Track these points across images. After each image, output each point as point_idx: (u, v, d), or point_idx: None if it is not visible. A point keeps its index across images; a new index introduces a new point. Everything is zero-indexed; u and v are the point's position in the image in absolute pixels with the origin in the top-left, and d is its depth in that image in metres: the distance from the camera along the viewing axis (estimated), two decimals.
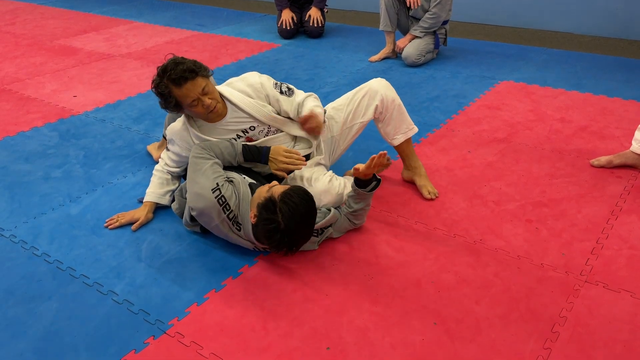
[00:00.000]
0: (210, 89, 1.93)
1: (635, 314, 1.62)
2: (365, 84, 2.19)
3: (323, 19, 4.55)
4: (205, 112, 1.93)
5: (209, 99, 1.91)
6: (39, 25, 5.32)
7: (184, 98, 1.89)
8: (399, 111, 2.18)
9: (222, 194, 1.78)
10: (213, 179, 1.81)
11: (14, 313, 1.73)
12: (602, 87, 3.27)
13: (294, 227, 1.70)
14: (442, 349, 1.53)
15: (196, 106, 1.91)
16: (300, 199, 1.72)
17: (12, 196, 2.39)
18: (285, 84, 2.11)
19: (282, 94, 2.07)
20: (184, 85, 1.86)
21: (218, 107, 1.95)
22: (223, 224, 1.82)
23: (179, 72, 1.85)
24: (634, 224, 2.02)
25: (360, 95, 2.17)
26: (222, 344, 1.58)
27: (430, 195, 2.21)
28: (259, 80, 2.07)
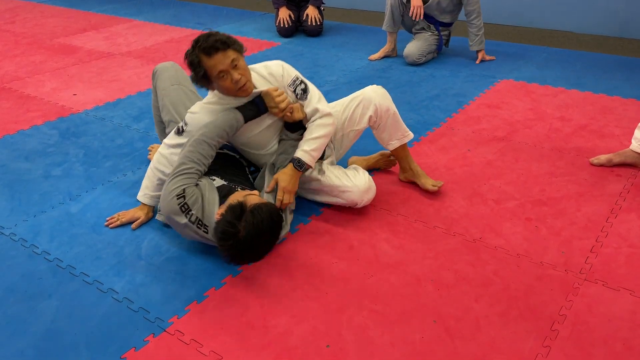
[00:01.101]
0: (241, 64, 1.90)
1: (634, 312, 1.62)
2: (360, 91, 2.15)
3: (321, 17, 4.54)
4: (234, 88, 1.89)
5: (238, 74, 1.87)
6: (39, 24, 5.32)
7: (212, 69, 1.86)
8: (393, 119, 2.16)
9: (185, 201, 1.80)
10: (179, 186, 1.82)
11: (14, 311, 1.74)
12: (602, 86, 3.27)
13: (250, 242, 1.65)
14: (441, 347, 1.54)
15: (224, 79, 1.87)
16: (269, 218, 1.68)
17: (12, 194, 2.39)
18: (302, 84, 2.05)
19: (295, 95, 2.04)
20: (214, 55, 1.84)
21: (248, 85, 1.92)
22: (188, 228, 1.82)
23: (211, 42, 1.84)
24: (634, 223, 2.02)
25: (355, 104, 2.13)
26: (222, 342, 1.58)
27: (436, 187, 2.22)
28: (281, 72, 2.05)
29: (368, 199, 2.08)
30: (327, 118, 2.02)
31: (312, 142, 1.98)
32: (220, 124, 1.93)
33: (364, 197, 2.07)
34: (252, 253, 1.72)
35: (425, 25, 3.78)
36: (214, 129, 1.92)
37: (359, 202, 2.07)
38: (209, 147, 1.90)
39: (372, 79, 3.54)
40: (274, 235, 1.75)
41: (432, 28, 3.77)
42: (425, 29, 3.79)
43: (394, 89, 3.38)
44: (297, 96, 2.03)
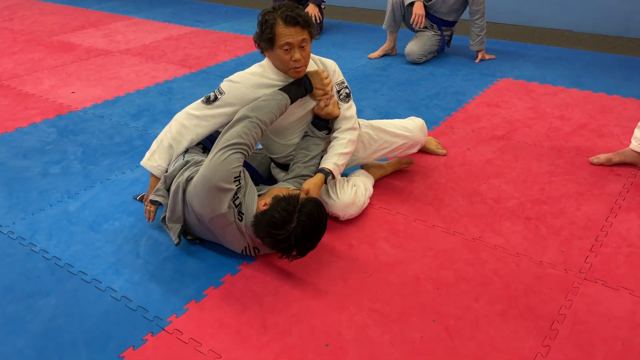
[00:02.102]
0: (307, 48, 1.89)
1: (634, 312, 1.62)
2: (408, 130, 2.24)
3: (321, 16, 4.53)
4: (290, 66, 1.88)
5: (301, 54, 1.86)
6: (37, 21, 5.30)
7: (282, 37, 1.83)
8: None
9: (241, 184, 1.75)
10: (237, 165, 1.74)
11: (12, 309, 1.73)
12: (601, 85, 3.27)
13: (304, 231, 1.64)
14: (441, 346, 1.53)
15: (287, 52, 1.85)
16: (322, 211, 1.70)
17: (10, 192, 2.38)
18: (347, 89, 2.09)
19: (339, 96, 2.06)
20: (291, 26, 1.82)
21: (303, 69, 1.92)
22: (229, 211, 1.74)
23: (295, 14, 1.83)
24: (633, 222, 2.02)
25: (400, 142, 2.23)
26: (220, 340, 1.58)
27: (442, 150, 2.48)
28: (334, 68, 2.07)
29: (350, 214, 2.05)
30: (356, 133, 2.07)
31: (343, 157, 2.01)
32: (273, 108, 1.87)
33: (346, 212, 2.04)
34: (307, 243, 1.69)
35: (428, 24, 3.76)
36: (268, 114, 1.86)
37: (341, 215, 2.05)
38: (260, 132, 1.85)
39: (372, 77, 3.54)
40: (323, 227, 1.73)
41: (435, 28, 3.76)
42: (427, 28, 3.77)
43: (393, 87, 3.37)
44: (340, 97, 2.06)
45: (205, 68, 3.86)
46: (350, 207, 2.04)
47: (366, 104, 3.14)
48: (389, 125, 2.25)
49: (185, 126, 1.95)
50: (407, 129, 2.24)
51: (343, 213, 2.04)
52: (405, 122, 2.29)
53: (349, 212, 2.05)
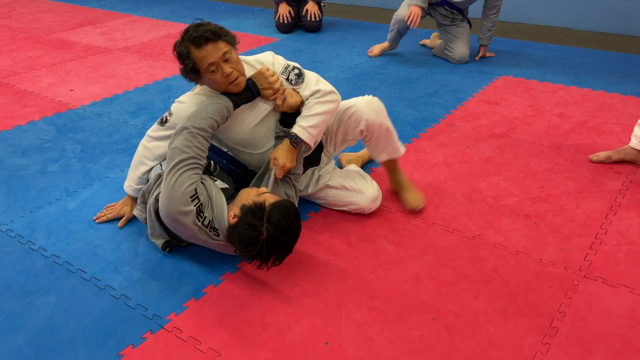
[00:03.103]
0: (234, 57, 1.78)
1: (634, 309, 1.62)
2: (354, 101, 2.04)
3: (320, 13, 4.53)
4: (225, 82, 1.78)
5: (229, 67, 1.76)
6: (36, 19, 5.28)
7: (202, 61, 1.73)
8: (385, 135, 2.05)
9: (200, 202, 1.68)
10: (190, 184, 1.67)
11: (10, 307, 1.72)
12: (600, 83, 3.27)
13: (275, 241, 1.59)
14: (440, 344, 1.53)
15: (215, 73, 1.75)
16: (291, 214, 1.63)
17: (8, 190, 2.37)
18: (296, 69, 1.91)
19: (289, 82, 1.89)
20: (203, 46, 1.72)
21: (240, 79, 1.80)
22: (201, 231, 1.71)
23: (200, 32, 1.72)
24: (633, 220, 2.02)
25: (347, 115, 2.03)
26: (220, 339, 1.57)
27: (415, 205, 2.11)
28: (271, 60, 1.93)
29: (375, 206, 2.09)
30: (330, 95, 1.89)
31: (310, 118, 1.84)
32: (210, 113, 1.77)
33: (372, 206, 2.07)
34: (282, 249, 1.64)
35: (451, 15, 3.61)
36: (206, 119, 1.76)
37: (366, 210, 2.08)
38: (204, 140, 1.75)
39: (371, 75, 3.53)
40: (296, 233, 1.67)
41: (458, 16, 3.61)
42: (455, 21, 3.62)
43: (392, 85, 3.37)
44: (292, 82, 1.89)
45: None
46: (375, 201, 2.08)
47: None
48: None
49: (147, 148, 1.98)
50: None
51: (369, 207, 2.07)
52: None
53: (374, 205, 2.08)
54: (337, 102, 1.93)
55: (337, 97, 1.91)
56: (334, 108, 1.90)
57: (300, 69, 1.92)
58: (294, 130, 1.84)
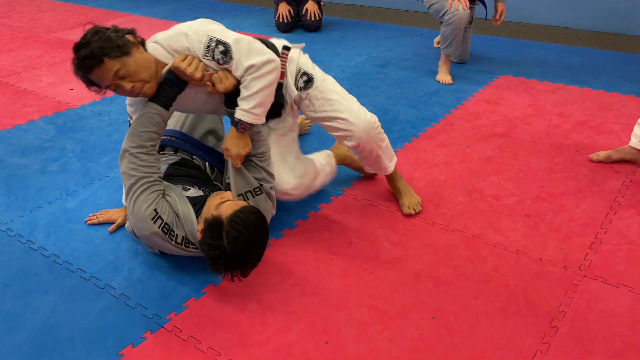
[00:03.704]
0: (130, 70, 1.61)
1: (633, 309, 1.62)
2: (352, 120, 1.89)
3: (320, 13, 4.52)
4: (132, 95, 1.68)
5: (129, 84, 1.62)
6: (35, 18, 5.28)
7: (99, 83, 1.64)
8: (375, 158, 2.03)
9: (164, 221, 1.63)
10: (148, 206, 1.63)
11: (10, 306, 1.72)
12: (600, 82, 3.27)
13: (241, 253, 1.54)
14: (440, 343, 1.53)
15: (117, 91, 1.65)
16: (252, 221, 1.55)
17: (8, 190, 2.37)
18: (220, 45, 1.66)
19: (216, 63, 1.68)
20: (92, 71, 1.60)
21: (145, 89, 1.65)
22: (178, 249, 1.70)
23: (81, 59, 1.59)
24: (633, 219, 2.02)
25: (337, 125, 1.91)
26: (220, 338, 1.57)
27: (410, 211, 2.07)
28: (185, 45, 1.67)
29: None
30: (266, 66, 1.67)
31: (250, 99, 1.68)
32: (142, 127, 1.68)
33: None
34: (251, 257, 1.59)
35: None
36: (142, 134, 1.68)
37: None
38: (147, 156, 1.68)
39: (371, 75, 3.53)
40: (263, 237, 1.62)
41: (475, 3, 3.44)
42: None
43: (392, 84, 3.37)
44: (219, 62, 1.68)
45: None
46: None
47: (364, 101, 3.12)
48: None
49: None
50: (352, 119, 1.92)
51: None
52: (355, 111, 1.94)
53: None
54: (277, 69, 1.72)
55: (274, 64, 1.70)
56: (274, 78, 1.72)
57: (225, 43, 1.67)
58: (236, 115, 1.70)
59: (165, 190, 1.72)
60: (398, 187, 2.14)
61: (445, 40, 3.27)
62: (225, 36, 1.68)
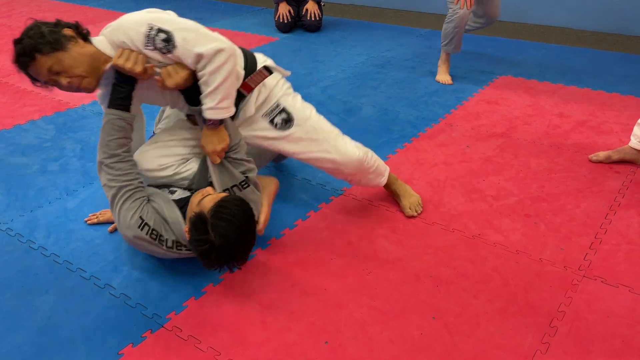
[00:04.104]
0: (65, 65, 1.55)
1: (633, 309, 1.62)
2: (337, 156, 1.84)
3: (320, 13, 4.53)
4: (71, 90, 1.62)
5: (65, 79, 1.56)
6: (35, 18, 5.28)
7: (39, 79, 1.60)
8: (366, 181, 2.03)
9: (151, 227, 1.61)
10: (132, 214, 1.61)
11: (10, 306, 1.73)
12: (600, 82, 3.27)
13: (231, 243, 1.51)
14: (440, 343, 1.53)
15: (57, 86, 1.60)
16: (236, 209, 1.52)
17: (8, 189, 2.37)
18: (161, 33, 1.55)
19: (160, 53, 1.57)
20: (27, 68, 1.58)
21: (84, 84, 1.59)
22: (169, 252, 1.68)
23: (16, 57, 1.56)
24: (632, 219, 2.02)
25: (326, 165, 1.88)
26: (220, 338, 1.57)
27: (412, 212, 2.06)
28: (122, 38, 1.58)
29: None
30: (218, 57, 1.55)
31: (213, 95, 1.60)
32: (108, 135, 1.65)
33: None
34: (243, 245, 1.56)
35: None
36: (109, 144, 1.65)
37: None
38: (122, 163, 1.65)
39: (371, 75, 3.53)
40: (250, 224, 1.58)
41: None
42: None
43: (392, 84, 3.37)
44: (162, 51, 1.57)
45: None
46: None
47: (365, 101, 3.14)
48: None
49: None
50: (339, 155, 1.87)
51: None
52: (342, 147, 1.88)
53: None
54: (232, 56, 1.59)
55: (226, 53, 1.57)
56: (232, 66, 1.60)
57: (167, 31, 1.55)
58: (205, 115, 1.63)
59: (150, 196, 1.70)
60: (395, 191, 2.13)
61: (445, 37, 3.27)
62: (168, 23, 1.57)
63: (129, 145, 1.69)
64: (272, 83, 1.82)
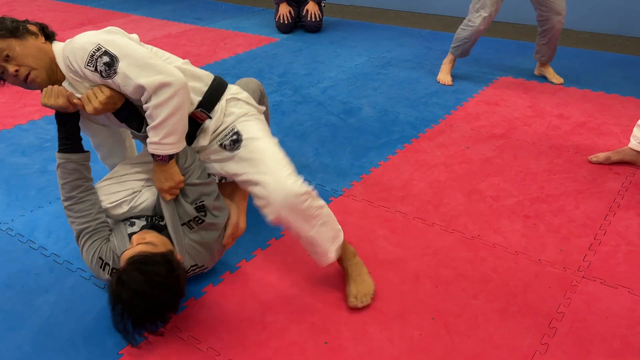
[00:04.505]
0: (16, 53, 1.48)
1: (632, 310, 1.63)
2: (269, 179, 1.54)
3: (321, 13, 4.53)
4: (19, 83, 1.54)
5: (13, 66, 1.48)
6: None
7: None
8: (306, 239, 1.62)
9: (111, 267, 1.59)
10: (92, 255, 1.60)
11: (11, 306, 1.73)
12: (600, 84, 3.27)
13: (139, 319, 1.44)
14: (440, 344, 1.54)
15: (6, 77, 1.53)
16: (138, 276, 1.39)
17: (8, 189, 2.38)
18: (106, 56, 1.44)
19: (100, 75, 1.47)
20: None
21: (33, 76, 1.50)
22: None
23: None
24: (632, 220, 2.02)
25: (256, 191, 1.58)
26: (219, 338, 1.58)
27: (356, 303, 1.64)
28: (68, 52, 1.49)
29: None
30: (163, 92, 1.44)
31: (158, 129, 1.48)
32: (62, 179, 1.61)
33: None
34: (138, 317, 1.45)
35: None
36: (64, 187, 1.61)
37: None
38: (79, 204, 1.61)
39: (371, 75, 3.54)
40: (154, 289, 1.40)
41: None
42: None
43: (392, 85, 3.37)
44: (102, 74, 1.46)
45: (205, 65, 3.85)
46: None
47: (365, 101, 3.14)
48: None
49: None
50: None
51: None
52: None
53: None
54: (180, 90, 1.47)
55: (173, 88, 1.45)
56: (179, 101, 1.47)
57: (113, 55, 1.44)
58: (149, 149, 1.53)
59: (110, 233, 1.65)
60: (347, 269, 1.71)
61: (455, 41, 3.26)
62: (118, 48, 1.46)
63: (87, 184, 1.63)
64: (238, 113, 1.66)
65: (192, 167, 1.63)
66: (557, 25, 3.15)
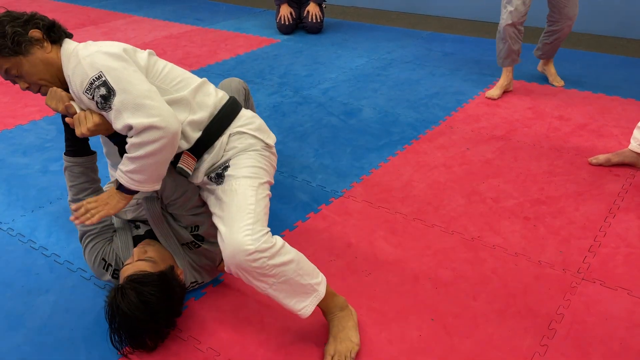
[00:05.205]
0: (22, 71, 1.47)
1: (632, 312, 1.63)
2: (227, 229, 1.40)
3: (322, 15, 4.54)
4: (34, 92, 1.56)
5: (23, 84, 1.50)
6: None
7: None
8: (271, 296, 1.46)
9: (113, 267, 1.64)
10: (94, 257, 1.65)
11: (11, 306, 1.73)
12: (601, 86, 3.27)
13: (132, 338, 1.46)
14: (439, 345, 1.54)
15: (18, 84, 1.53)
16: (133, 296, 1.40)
17: (9, 189, 2.38)
18: (104, 87, 1.39)
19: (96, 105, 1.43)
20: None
21: (44, 91, 1.52)
22: None
23: None
24: (632, 222, 2.03)
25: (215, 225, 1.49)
26: (219, 338, 1.58)
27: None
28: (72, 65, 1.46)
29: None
30: (146, 134, 1.37)
31: (129, 161, 1.43)
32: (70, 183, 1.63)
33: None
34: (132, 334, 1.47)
35: None
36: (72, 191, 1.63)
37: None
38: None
39: (371, 77, 3.54)
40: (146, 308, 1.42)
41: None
42: None
43: (393, 86, 3.38)
44: (98, 105, 1.42)
45: (206, 66, 3.86)
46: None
47: (365, 103, 3.15)
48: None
49: None
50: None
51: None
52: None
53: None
54: (164, 139, 1.39)
55: (157, 133, 1.37)
56: (157, 147, 1.39)
57: (111, 89, 1.39)
58: (116, 174, 1.48)
59: (114, 234, 1.69)
60: (329, 323, 1.56)
61: (499, 52, 3.14)
62: (118, 81, 1.39)
63: (94, 187, 1.63)
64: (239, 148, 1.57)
65: (180, 200, 1.60)
66: (566, 29, 3.16)
